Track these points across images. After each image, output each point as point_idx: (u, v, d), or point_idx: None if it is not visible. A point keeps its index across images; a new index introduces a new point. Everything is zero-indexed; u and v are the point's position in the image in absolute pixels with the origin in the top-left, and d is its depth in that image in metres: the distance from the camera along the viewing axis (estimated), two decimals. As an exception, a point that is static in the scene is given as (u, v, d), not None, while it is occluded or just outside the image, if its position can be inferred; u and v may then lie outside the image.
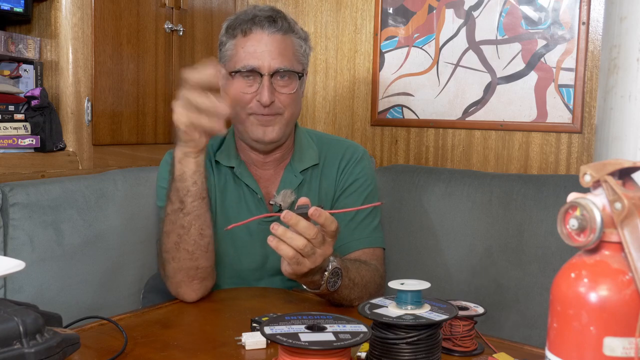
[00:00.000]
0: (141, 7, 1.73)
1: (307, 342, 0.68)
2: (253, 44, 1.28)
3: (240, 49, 1.29)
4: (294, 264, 1.01)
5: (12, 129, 1.47)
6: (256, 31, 1.28)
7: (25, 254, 1.31)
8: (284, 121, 1.31)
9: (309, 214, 0.98)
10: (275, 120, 1.30)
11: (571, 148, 1.70)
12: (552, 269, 1.42)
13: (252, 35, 1.28)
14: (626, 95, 1.07)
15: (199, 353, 0.92)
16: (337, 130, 2.08)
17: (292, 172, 1.38)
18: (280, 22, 1.29)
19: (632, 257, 0.51)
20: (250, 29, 1.28)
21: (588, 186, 0.56)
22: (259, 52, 1.27)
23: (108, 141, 1.67)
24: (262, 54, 1.27)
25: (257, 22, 1.28)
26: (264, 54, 1.27)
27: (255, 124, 1.30)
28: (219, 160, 1.37)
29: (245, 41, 1.28)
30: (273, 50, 1.27)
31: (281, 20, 1.29)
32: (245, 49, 1.28)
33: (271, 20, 1.28)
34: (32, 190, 1.35)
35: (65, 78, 1.57)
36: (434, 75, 1.89)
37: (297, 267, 1.01)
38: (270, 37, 1.28)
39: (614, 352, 0.52)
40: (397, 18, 1.94)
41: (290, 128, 1.36)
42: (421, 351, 0.78)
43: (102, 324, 1.03)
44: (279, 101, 1.29)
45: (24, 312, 0.68)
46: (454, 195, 1.61)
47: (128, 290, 1.53)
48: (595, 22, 1.65)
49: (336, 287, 1.11)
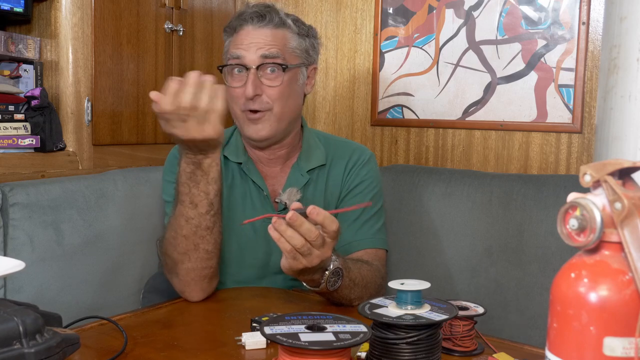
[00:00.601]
0: (141, 7, 1.73)
1: (307, 342, 0.68)
2: (241, 38, 1.31)
3: (231, 45, 1.34)
4: (290, 258, 1.02)
5: (12, 129, 1.47)
6: (245, 26, 1.32)
7: (25, 254, 1.31)
8: (273, 117, 1.31)
9: (307, 212, 0.98)
10: (264, 117, 1.31)
11: (571, 148, 1.70)
12: (552, 269, 1.42)
13: (241, 30, 1.32)
14: (626, 95, 1.07)
15: (199, 353, 0.92)
16: (337, 130, 2.08)
17: (299, 171, 1.38)
18: (268, 16, 1.31)
19: (632, 257, 0.51)
20: (240, 25, 1.32)
21: (588, 186, 0.56)
22: (245, 44, 1.30)
23: (108, 141, 1.67)
24: (248, 46, 1.30)
25: (245, 18, 1.32)
26: (250, 46, 1.30)
27: (246, 122, 1.32)
28: (227, 155, 1.39)
29: (236, 37, 1.33)
30: (259, 42, 1.30)
31: (270, 15, 1.32)
32: (234, 43, 1.33)
33: (259, 15, 1.31)
34: (32, 190, 1.35)
35: (65, 78, 1.57)
36: (434, 75, 1.89)
37: (292, 262, 1.02)
38: (258, 31, 1.31)
39: (614, 352, 0.52)
40: (397, 18, 1.94)
41: (285, 124, 1.35)
42: (421, 351, 0.78)
43: (102, 324, 1.03)
44: (267, 95, 1.30)
45: (24, 312, 0.68)
46: (454, 195, 1.61)
47: (128, 290, 1.53)
48: (595, 22, 1.65)
49: (336, 287, 1.11)
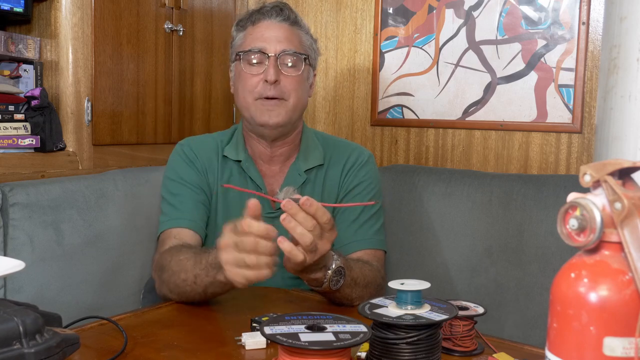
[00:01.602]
0: (141, 7, 1.73)
1: (307, 342, 0.68)
2: (261, 30, 1.34)
3: (248, 36, 1.35)
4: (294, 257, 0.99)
5: (12, 129, 1.47)
6: (264, 20, 1.35)
7: (25, 254, 1.31)
8: (289, 106, 1.34)
9: (300, 203, 0.98)
10: (280, 105, 1.33)
11: (571, 148, 1.70)
12: (552, 269, 1.41)
13: (260, 23, 1.35)
14: (626, 95, 1.07)
15: (199, 353, 0.92)
16: (337, 130, 2.08)
17: (297, 170, 1.39)
18: (287, 12, 1.35)
19: (632, 257, 0.51)
20: (259, 19, 1.35)
21: (588, 186, 0.56)
22: (267, 36, 1.33)
23: (108, 141, 1.67)
24: (269, 38, 1.33)
25: (265, 12, 1.35)
26: (272, 38, 1.33)
27: (260, 109, 1.33)
28: (227, 154, 1.40)
29: (254, 29, 1.35)
30: (280, 35, 1.33)
31: (288, 11, 1.36)
32: (253, 35, 1.35)
33: (278, 9, 1.35)
34: (32, 190, 1.35)
35: (65, 78, 1.57)
36: (434, 75, 1.89)
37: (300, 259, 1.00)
38: (278, 25, 1.35)
39: (614, 352, 0.52)
40: (397, 18, 1.94)
41: (296, 117, 1.37)
42: (421, 351, 0.78)
43: (102, 324, 1.03)
44: (285, 84, 1.32)
45: (23, 312, 0.68)
46: (454, 195, 1.61)
47: (128, 290, 1.53)
48: (595, 22, 1.65)
49: (338, 286, 1.12)
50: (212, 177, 1.40)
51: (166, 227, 1.33)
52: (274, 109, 1.32)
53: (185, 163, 1.39)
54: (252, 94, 1.33)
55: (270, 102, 1.32)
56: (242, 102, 1.36)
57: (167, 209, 1.36)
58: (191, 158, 1.39)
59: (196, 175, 1.38)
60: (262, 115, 1.33)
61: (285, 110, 1.33)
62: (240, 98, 1.36)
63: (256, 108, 1.33)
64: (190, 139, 1.47)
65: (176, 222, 1.32)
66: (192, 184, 1.37)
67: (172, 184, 1.38)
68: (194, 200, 1.36)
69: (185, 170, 1.38)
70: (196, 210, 1.34)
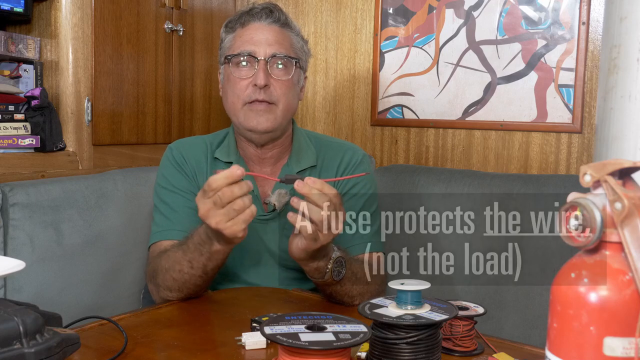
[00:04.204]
0: (141, 7, 1.73)
1: (307, 342, 0.68)
2: (250, 33, 1.32)
3: (238, 39, 1.33)
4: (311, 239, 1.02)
5: (12, 129, 1.47)
6: (254, 22, 1.32)
7: (25, 254, 1.31)
8: (278, 112, 1.31)
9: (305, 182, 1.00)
10: (269, 110, 1.30)
11: (571, 148, 1.70)
12: (552, 269, 1.41)
13: (250, 25, 1.32)
14: (626, 95, 1.07)
15: (199, 353, 0.92)
16: (337, 130, 2.08)
17: (289, 172, 1.37)
18: (277, 13, 1.33)
19: (632, 257, 0.51)
20: (248, 21, 1.32)
21: (588, 186, 0.56)
22: (256, 39, 1.31)
23: (108, 141, 1.67)
24: (259, 41, 1.30)
25: (254, 14, 1.32)
26: (261, 41, 1.30)
27: (249, 114, 1.30)
28: (218, 157, 1.37)
29: (244, 31, 1.32)
30: (270, 38, 1.31)
31: (278, 13, 1.33)
32: (242, 38, 1.32)
33: (268, 11, 1.32)
34: (32, 190, 1.35)
35: (65, 78, 1.57)
36: (434, 75, 1.89)
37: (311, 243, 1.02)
38: (268, 27, 1.32)
39: (614, 352, 0.52)
40: (397, 18, 1.94)
41: (286, 121, 1.35)
42: (421, 351, 0.78)
43: (102, 324, 1.03)
44: (275, 88, 1.30)
45: (24, 312, 0.68)
46: (454, 195, 1.61)
47: (128, 290, 1.53)
48: (595, 22, 1.65)
49: (340, 277, 1.12)
50: (202, 180, 1.36)
51: (157, 239, 1.31)
52: (263, 114, 1.30)
53: (175, 168, 1.36)
54: (240, 99, 1.30)
55: (260, 106, 1.29)
56: (230, 107, 1.33)
57: (158, 218, 1.34)
58: (180, 162, 1.36)
59: (185, 180, 1.35)
60: (251, 121, 1.30)
61: (274, 115, 1.30)
62: (229, 102, 1.33)
63: (244, 113, 1.31)
64: (179, 141, 1.44)
65: (168, 234, 1.30)
66: (182, 190, 1.34)
67: (163, 191, 1.35)
68: (185, 207, 1.32)
69: (175, 176, 1.36)
70: (187, 219, 1.30)
